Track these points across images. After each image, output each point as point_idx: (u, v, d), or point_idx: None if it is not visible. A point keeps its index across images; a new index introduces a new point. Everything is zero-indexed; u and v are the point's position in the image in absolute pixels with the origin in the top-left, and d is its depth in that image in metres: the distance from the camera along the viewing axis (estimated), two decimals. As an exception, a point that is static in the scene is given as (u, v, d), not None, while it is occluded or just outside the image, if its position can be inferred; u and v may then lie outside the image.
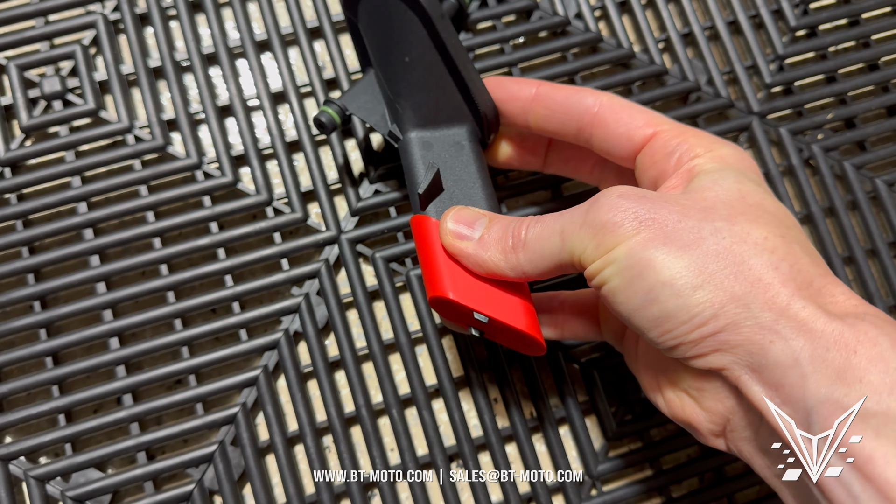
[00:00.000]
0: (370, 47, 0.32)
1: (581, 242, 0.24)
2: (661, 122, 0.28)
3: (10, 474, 0.32)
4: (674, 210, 0.23)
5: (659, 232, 0.23)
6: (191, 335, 0.33)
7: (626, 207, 0.23)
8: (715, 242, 0.23)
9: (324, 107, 0.32)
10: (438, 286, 0.27)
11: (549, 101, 0.29)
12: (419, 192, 0.29)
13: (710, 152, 0.26)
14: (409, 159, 0.30)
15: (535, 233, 0.26)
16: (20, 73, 0.36)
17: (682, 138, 0.27)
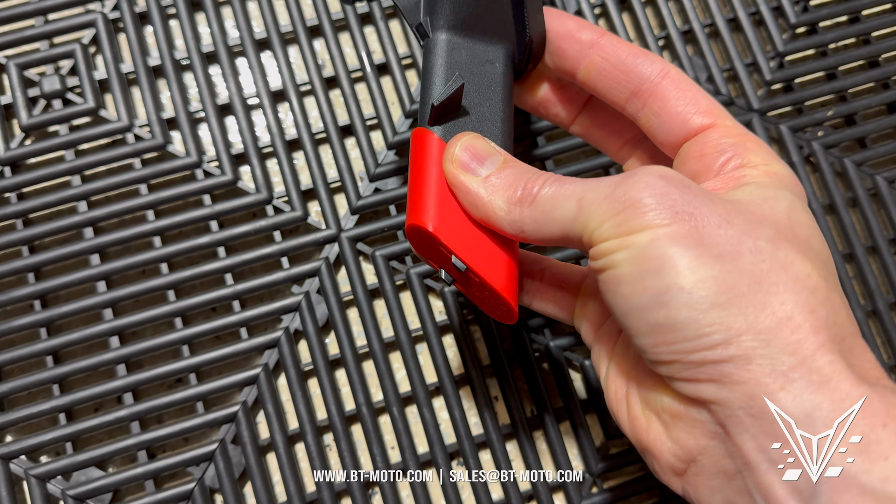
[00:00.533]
0: None
1: (600, 216, 0.21)
2: (724, 116, 0.25)
3: (11, 473, 0.32)
4: (717, 212, 0.20)
5: (694, 230, 0.20)
6: (191, 334, 0.33)
7: (666, 192, 0.20)
8: (752, 262, 0.20)
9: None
10: (420, 214, 0.24)
11: (610, 54, 0.26)
12: (434, 102, 0.25)
13: (766, 166, 0.23)
14: (432, 62, 0.26)
15: (550, 192, 0.22)
16: (20, 72, 0.36)
17: (740, 140, 0.24)
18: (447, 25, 0.26)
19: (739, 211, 0.21)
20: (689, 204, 0.20)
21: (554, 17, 0.27)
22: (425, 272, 0.35)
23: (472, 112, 0.26)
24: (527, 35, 0.27)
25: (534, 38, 0.27)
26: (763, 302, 0.19)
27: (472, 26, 0.26)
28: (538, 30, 0.27)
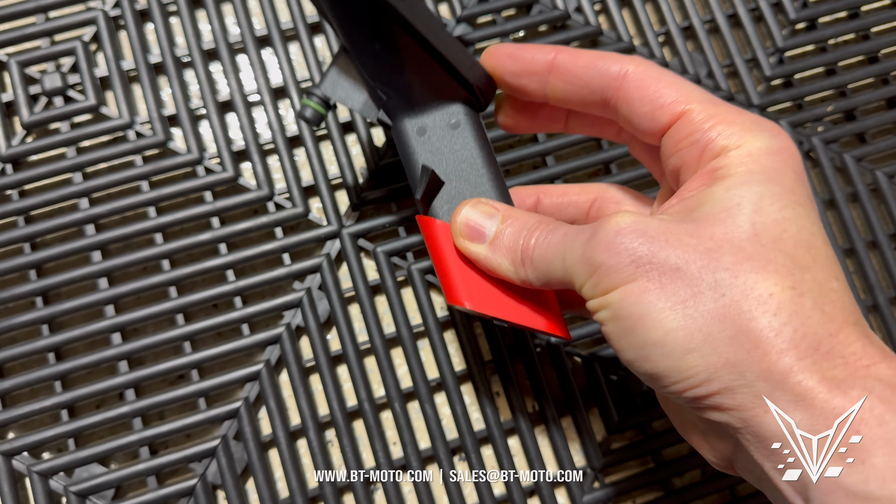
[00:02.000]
0: (339, 32, 0.28)
1: (580, 278, 0.23)
2: (693, 98, 0.24)
3: (14, 470, 0.32)
4: (675, 253, 0.21)
5: (656, 281, 0.21)
6: (193, 330, 0.33)
7: (624, 248, 0.21)
8: (714, 299, 0.20)
9: (305, 100, 0.30)
10: (455, 294, 0.27)
11: (568, 73, 0.26)
12: (417, 196, 0.28)
13: (740, 148, 0.22)
14: (404, 149, 0.29)
15: (541, 253, 0.24)
16: (21, 70, 0.36)
17: (713, 123, 0.23)
18: (402, 110, 0.28)
19: (699, 240, 0.21)
20: (647, 253, 0.21)
21: (505, 56, 0.27)
22: (426, 268, 0.35)
23: (457, 174, 0.28)
24: (470, 83, 0.27)
25: (477, 83, 0.28)
26: (731, 336, 0.20)
27: (422, 101, 0.28)
28: (478, 73, 0.28)
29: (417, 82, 0.28)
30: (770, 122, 0.23)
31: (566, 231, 0.24)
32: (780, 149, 0.22)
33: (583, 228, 0.23)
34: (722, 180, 0.22)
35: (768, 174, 0.22)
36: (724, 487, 0.34)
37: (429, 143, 0.28)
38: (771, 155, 0.22)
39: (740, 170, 0.22)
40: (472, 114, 0.29)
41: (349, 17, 0.27)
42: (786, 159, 0.22)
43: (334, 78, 0.29)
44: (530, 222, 0.25)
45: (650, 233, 0.21)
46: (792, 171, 0.22)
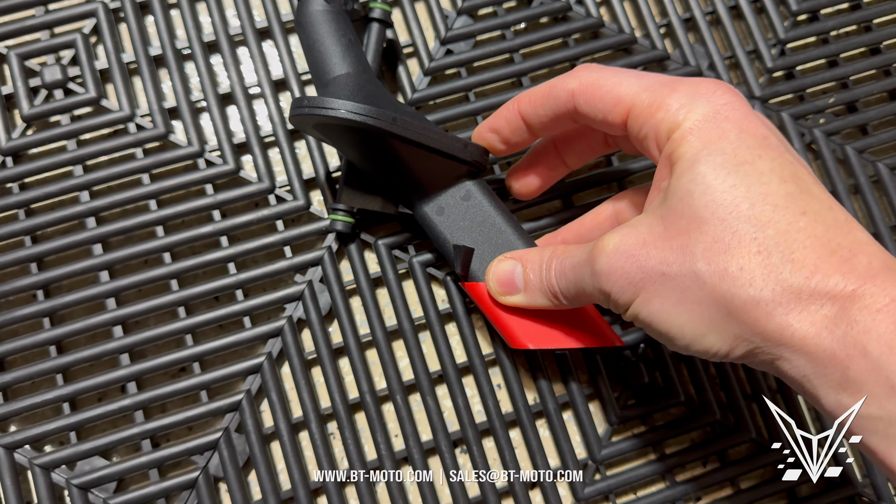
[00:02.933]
0: (344, 155, 0.33)
1: (601, 301, 0.26)
2: (633, 93, 0.25)
3: (16, 463, 0.32)
4: (656, 261, 0.23)
5: (652, 290, 0.23)
6: (194, 323, 0.33)
7: (619, 273, 0.24)
8: (699, 289, 0.23)
9: (332, 216, 0.34)
10: (516, 340, 0.31)
11: (532, 114, 0.29)
12: (457, 272, 0.31)
13: (680, 127, 0.24)
14: (431, 231, 0.32)
15: (565, 285, 0.27)
16: (21, 63, 0.36)
17: (651, 113, 0.24)
18: (416, 198, 0.32)
19: (671, 241, 0.23)
20: (637, 271, 0.24)
21: (486, 135, 0.31)
22: (427, 261, 0.35)
23: (484, 239, 0.32)
24: (467, 160, 0.31)
25: (473, 158, 0.31)
26: (726, 315, 0.22)
27: (431, 186, 0.32)
28: (472, 150, 0.31)
29: (423, 175, 0.31)
30: (706, 83, 0.24)
31: (573, 263, 0.27)
32: (714, 112, 0.23)
33: (585, 257, 0.26)
34: (675, 167, 0.24)
35: (708, 146, 0.23)
36: (724, 480, 0.34)
37: (450, 220, 0.32)
38: (708, 122, 0.23)
39: (684, 150, 0.23)
40: (477, 182, 0.32)
41: (352, 145, 0.31)
42: (722, 120, 0.23)
43: (349, 191, 0.33)
44: (544, 259, 0.28)
45: (632, 250, 0.24)
46: (732, 129, 0.23)
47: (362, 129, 0.28)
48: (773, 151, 0.23)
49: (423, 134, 0.29)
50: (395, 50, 0.37)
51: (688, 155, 0.23)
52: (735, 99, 0.24)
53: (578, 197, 0.37)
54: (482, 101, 0.36)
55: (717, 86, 0.24)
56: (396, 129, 0.29)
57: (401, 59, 0.37)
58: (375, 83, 0.31)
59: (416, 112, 0.32)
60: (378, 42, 0.34)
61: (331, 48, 0.31)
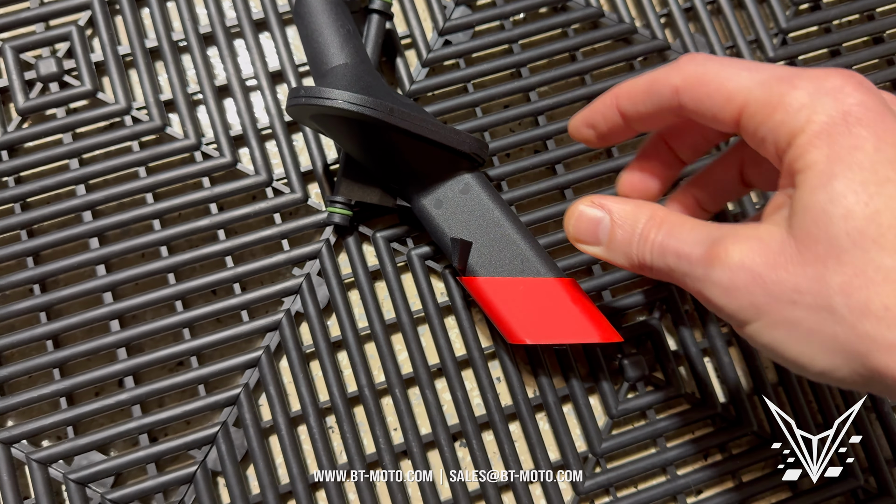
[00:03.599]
0: (342, 147, 0.33)
1: (698, 296, 0.24)
2: (746, 89, 0.23)
3: (13, 458, 0.32)
4: (787, 288, 0.21)
5: (778, 318, 0.21)
6: (192, 317, 0.33)
7: (741, 291, 0.22)
8: (833, 324, 0.20)
9: (329, 208, 0.33)
10: (513, 335, 0.30)
11: (632, 110, 0.26)
12: (455, 265, 0.31)
13: (804, 132, 0.21)
14: (429, 224, 0.32)
15: (658, 266, 0.25)
16: (16, 55, 0.35)
17: (768, 113, 0.22)
18: (414, 191, 0.32)
19: (805, 268, 0.21)
20: (764, 297, 0.21)
21: (582, 129, 0.29)
22: (426, 253, 0.35)
23: (482, 233, 0.31)
24: (464, 152, 0.31)
25: (471, 150, 0.31)
26: (857, 360, 0.20)
27: (429, 179, 0.32)
28: (469, 142, 0.31)
29: (422, 167, 0.31)
30: (833, 76, 0.21)
31: (680, 251, 0.24)
32: (844, 114, 0.21)
33: (699, 255, 0.23)
34: (803, 179, 0.21)
35: (842, 157, 0.20)
36: (725, 473, 0.34)
37: (448, 213, 0.32)
38: (838, 126, 0.21)
39: (813, 160, 0.21)
40: (476, 175, 0.32)
41: (349, 136, 0.30)
42: (854, 125, 0.21)
43: (347, 183, 0.33)
44: (639, 223, 0.25)
45: (760, 270, 0.21)
46: (868, 136, 0.20)
47: (359, 119, 0.28)
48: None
49: (421, 125, 0.29)
50: (394, 41, 0.37)
51: (818, 166, 0.21)
52: (868, 97, 0.21)
53: (577, 189, 0.36)
54: (481, 93, 0.36)
55: (847, 79, 0.21)
56: (394, 119, 0.28)
57: (399, 50, 0.37)
58: (374, 74, 0.31)
59: (414, 104, 0.31)
60: (378, 34, 0.34)
61: (329, 38, 0.31)
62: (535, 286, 0.31)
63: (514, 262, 0.31)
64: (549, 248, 0.35)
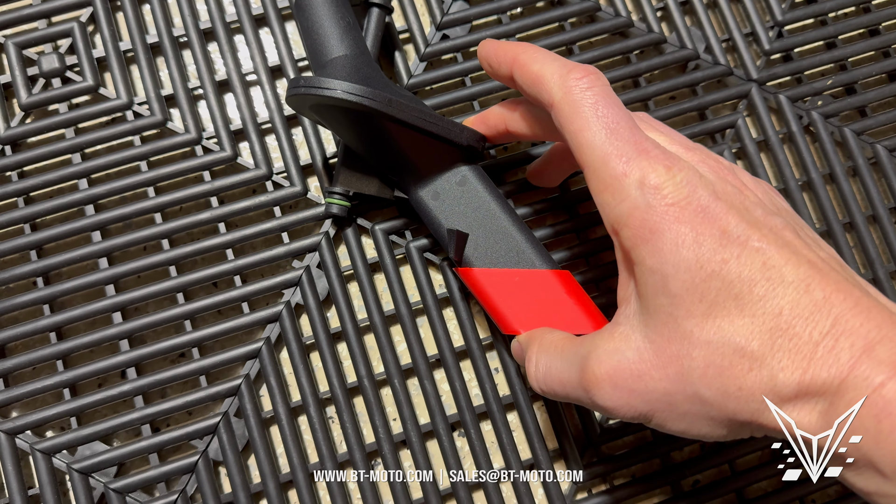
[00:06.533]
0: (340, 138, 0.33)
1: None
2: (590, 149, 0.24)
3: (17, 448, 0.33)
4: (662, 390, 0.23)
5: (662, 416, 0.23)
6: (193, 309, 0.34)
7: (624, 406, 0.24)
8: (708, 409, 0.23)
9: (328, 199, 0.34)
10: (508, 325, 0.31)
11: (521, 76, 0.28)
12: (451, 257, 0.31)
13: (629, 226, 0.23)
14: (426, 216, 0.32)
15: (561, 395, 0.26)
16: (18, 51, 0.36)
17: (600, 188, 0.24)
18: (412, 182, 0.32)
19: (665, 367, 0.23)
20: (641, 402, 0.24)
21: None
22: (424, 246, 0.35)
23: (478, 225, 0.32)
24: (462, 144, 0.31)
25: (469, 143, 0.31)
26: (739, 424, 0.23)
27: (427, 170, 0.32)
28: (467, 134, 0.31)
29: (420, 158, 0.31)
30: (653, 166, 0.23)
31: (562, 378, 0.26)
32: (663, 213, 0.23)
33: (576, 378, 0.25)
34: (640, 279, 0.24)
35: (669, 258, 0.22)
36: (722, 462, 0.34)
37: (445, 205, 0.32)
38: (658, 226, 0.23)
39: (643, 258, 0.23)
40: (473, 168, 0.32)
41: (347, 126, 0.30)
42: (673, 223, 0.22)
43: (346, 174, 0.33)
44: (530, 356, 0.28)
45: (631, 385, 0.23)
46: (687, 231, 0.22)
47: (358, 110, 0.29)
48: (735, 249, 0.22)
49: (419, 117, 0.30)
50: (392, 35, 0.37)
51: (647, 264, 0.23)
52: (683, 195, 0.23)
53: (574, 181, 0.37)
54: (478, 86, 0.36)
55: (669, 171, 0.23)
56: (392, 110, 0.29)
57: (397, 44, 0.37)
58: (373, 66, 0.31)
59: (412, 96, 0.32)
60: (378, 27, 0.34)
61: (329, 30, 0.31)
62: (530, 278, 0.31)
63: (510, 254, 0.31)
64: (545, 240, 0.35)
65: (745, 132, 0.37)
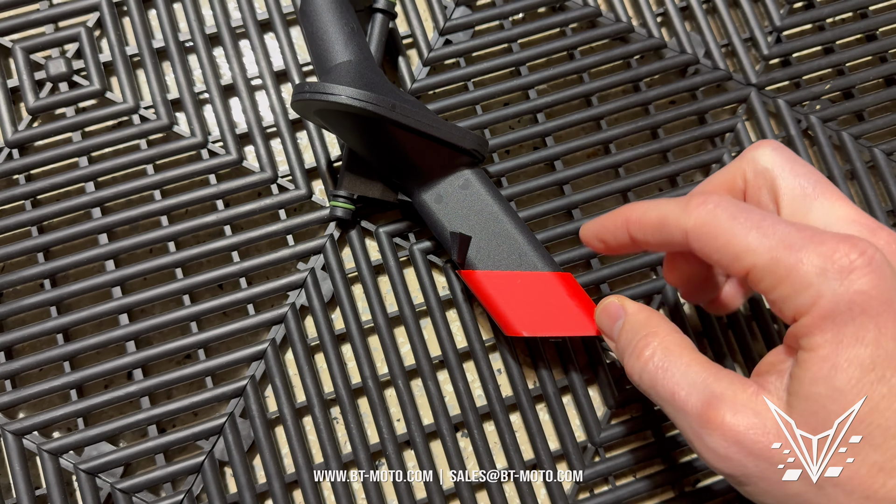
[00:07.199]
0: (345, 142, 0.33)
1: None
2: (752, 252, 0.22)
3: (25, 449, 0.33)
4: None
5: (765, 486, 0.22)
6: (199, 310, 0.34)
7: (734, 462, 0.22)
8: (818, 499, 0.21)
9: (332, 202, 0.34)
10: (510, 327, 0.31)
11: (643, 240, 0.26)
12: (454, 259, 0.31)
13: (809, 314, 0.21)
14: (429, 219, 0.33)
15: (648, 384, 0.25)
16: (26, 56, 0.36)
17: (773, 284, 0.22)
18: (415, 186, 0.33)
19: None
20: (753, 466, 0.22)
21: (593, 242, 0.29)
22: (428, 248, 0.35)
23: (481, 228, 0.32)
24: (465, 148, 0.31)
25: (472, 147, 0.32)
26: None
27: (430, 174, 0.32)
28: (470, 138, 0.32)
29: (423, 162, 0.32)
30: (841, 248, 0.21)
31: (671, 392, 0.24)
32: (848, 304, 0.20)
33: (693, 406, 0.23)
34: (804, 363, 0.22)
35: (843, 351, 0.21)
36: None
37: (448, 208, 0.32)
38: (841, 317, 0.21)
39: (815, 343, 0.21)
40: (475, 171, 0.33)
41: (352, 131, 0.31)
42: (858, 315, 0.21)
43: (350, 177, 0.34)
44: (637, 337, 0.26)
45: (754, 449, 0.22)
46: (870, 329, 0.20)
47: (362, 115, 0.29)
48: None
49: (423, 121, 0.30)
50: (395, 40, 0.38)
51: (820, 352, 0.21)
52: (875, 279, 0.20)
53: (575, 184, 0.37)
54: (481, 91, 0.37)
55: (856, 256, 0.21)
56: (396, 115, 0.29)
57: (400, 49, 0.38)
58: (377, 71, 0.32)
59: (416, 100, 0.32)
60: (381, 32, 0.35)
61: (333, 36, 0.32)
62: (532, 280, 0.32)
63: (512, 257, 0.32)
64: (547, 242, 0.36)
65: (744, 136, 0.37)
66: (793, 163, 0.26)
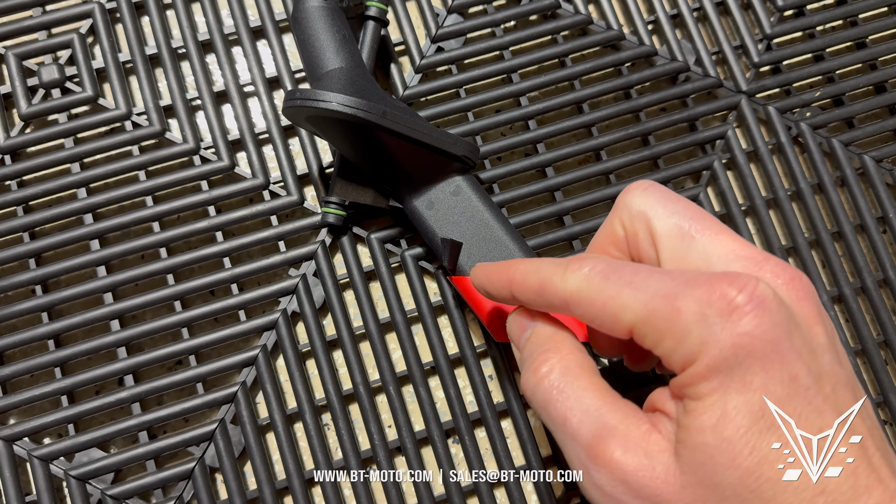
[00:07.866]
0: (337, 149, 0.34)
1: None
2: (631, 311, 0.21)
3: (15, 455, 0.33)
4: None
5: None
6: (190, 316, 0.34)
7: (619, 499, 0.21)
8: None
9: (324, 209, 0.34)
10: (501, 334, 0.31)
11: (526, 302, 0.25)
12: (445, 265, 0.31)
13: (697, 363, 0.20)
14: (420, 225, 0.33)
15: (541, 403, 0.23)
16: (19, 62, 0.36)
17: (656, 340, 0.21)
18: (407, 192, 0.33)
19: (677, 501, 0.20)
20: (634, 501, 0.21)
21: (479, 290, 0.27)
22: (419, 254, 0.35)
23: (472, 234, 0.32)
24: (456, 155, 0.32)
25: (463, 154, 0.32)
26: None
27: (422, 181, 0.33)
28: (462, 145, 0.32)
29: (414, 169, 0.32)
30: (718, 288, 0.20)
31: (563, 418, 0.23)
32: (733, 348, 0.19)
33: (584, 439, 0.22)
34: (693, 412, 0.20)
35: (731, 399, 0.20)
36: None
37: (439, 214, 0.33)
38: (727, 363, 0.20)
39: (703, 393, 0.20)
40: (467, 178, 0.33)
41: (343, 138, 0.31)
42: (745, 359, 0.19)
43: (342, 184, 0.34)
44: (537, 350, 0.25)
45: (641, 493, 0.21)
46: (757, 373, 0.19)
47: (353, 121, 0.29)
48: (799, 404, 0.20)
49: (414, 128, 0.30)
50: (388, 48, 0.38)
51: (707, 401, 0.20)
52: (761, 318, 0.19)
53: (567, 191, 0.37)
54: (473, 98, 0.37)
55: (732, 292, 0.20)
56: (387, 122, 0.29)
57: (392, 56, 0.38)
58: (368, 78, 0.32)
59: (407, 107, 0.32)
60: (373, 39, 0.35)
61: (325, 43, 0.32)
62: None
63: None
64: (538, 249, 0.36)
65: (734, 143, 0.38)
66: (666, 201, 0.24)
